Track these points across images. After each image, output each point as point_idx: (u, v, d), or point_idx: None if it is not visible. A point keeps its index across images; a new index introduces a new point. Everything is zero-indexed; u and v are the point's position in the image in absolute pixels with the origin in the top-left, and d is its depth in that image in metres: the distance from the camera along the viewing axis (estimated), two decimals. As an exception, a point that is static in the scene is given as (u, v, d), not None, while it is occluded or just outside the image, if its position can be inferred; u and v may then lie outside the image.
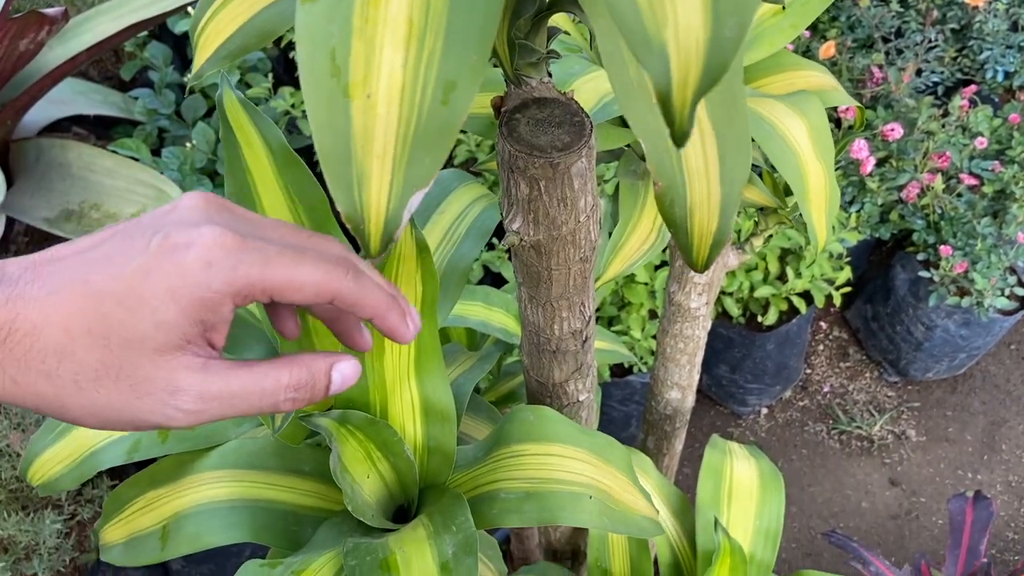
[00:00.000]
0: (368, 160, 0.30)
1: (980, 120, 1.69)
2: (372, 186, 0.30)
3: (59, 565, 1.19)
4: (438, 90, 0.31)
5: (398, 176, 0.31)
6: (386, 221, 0.30)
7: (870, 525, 1.70)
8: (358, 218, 0.31)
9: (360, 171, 0.30)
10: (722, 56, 0.26)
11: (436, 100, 0.31)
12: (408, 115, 0.30)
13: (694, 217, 0.41)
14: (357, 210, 0.30)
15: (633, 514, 0.58)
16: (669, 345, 1.00)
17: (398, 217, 0.31)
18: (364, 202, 0.30)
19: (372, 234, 0.31)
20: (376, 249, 0.31)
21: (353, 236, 0.32)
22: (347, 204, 0.30)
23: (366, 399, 0.58)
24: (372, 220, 0.31)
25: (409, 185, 0.30)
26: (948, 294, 1.63)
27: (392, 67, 0.30)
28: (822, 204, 0.60)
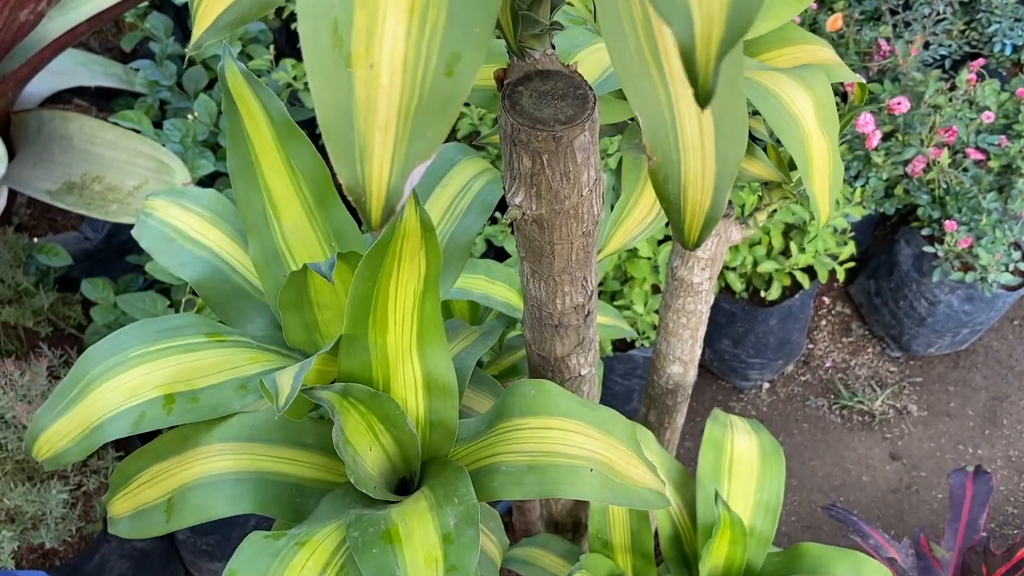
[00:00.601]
0: (370, 132, 0.30)
1: (987, 94, 1.67)
2: (374, 159, 0.30)
3: (65, 535, 1.20)
4: (441, 62, 0.30)
5: (400, 149, 0.30)
6: (387, 194, 0.30)
7: (870, 499, 1.71)
8: (360, 190, 0.30)
9: (362, 143, 0.30)
10: (746, 12, 0.26)
11: (439, 72, 0.30)
12: (411, 87, 0.30)
13: (687, 194, 0.41)
14: (359, 182, 0.30)
15: (636, 486, 0.58)
16: (671, 320, 1.00)
17: (399, 190, 0.30)
18: (366, 174, 0.30)
19: (373, 207, 0.30)
20: (377, 222, 0.31)
21: (355, 208, 0.32)
22: (349, 176, 0.30)
23: (369, 374, 0.58)
24: (373, 193, 0.30)
25: (411, 158, 0.30)
26: (952, 269, 1.63)
27: (395, 38, 0.30)
28: (825, 178, 0.60)
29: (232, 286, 0.72)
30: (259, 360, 0.67)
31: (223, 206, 0.76)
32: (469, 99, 0.60)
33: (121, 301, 1.29)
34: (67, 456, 0.60)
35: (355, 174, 0.30)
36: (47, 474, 1.20)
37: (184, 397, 0.63)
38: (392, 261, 0.53)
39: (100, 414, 0.61)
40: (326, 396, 0.55)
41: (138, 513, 0.61)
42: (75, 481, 1.21)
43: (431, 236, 0.52)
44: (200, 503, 0.58)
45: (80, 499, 1.27)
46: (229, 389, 0.64)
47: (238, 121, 0.65)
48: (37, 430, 0.60)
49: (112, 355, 0.63)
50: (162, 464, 0.62)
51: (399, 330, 0.58)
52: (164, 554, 1.48)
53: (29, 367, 1.17)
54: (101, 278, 1.37)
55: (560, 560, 0.98)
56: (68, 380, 0.61)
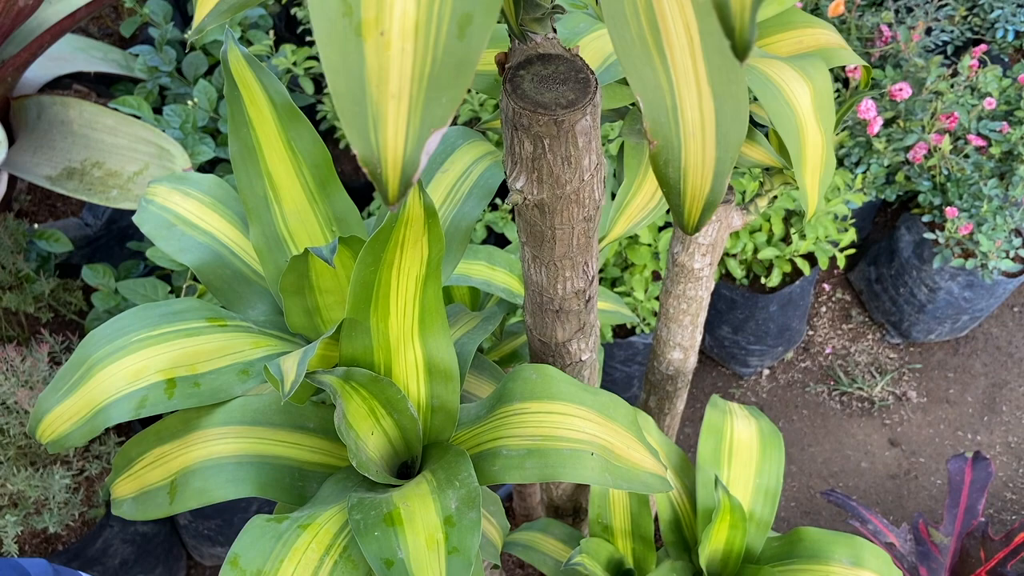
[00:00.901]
0: (383, 101, 0.29)
1: (989, 80, 1.67)
2: (388, 128, 0.29)
3: (68, 519, 1.21)
4: (453, 24, 0.30)
5: (415, 116, 0.30)
6: (404, 164, 0.30)
7: (869, 485, 1.71)
8: (375, 162, 0.30)
9: (376, 113, 0.29)
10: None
11: (452, 35, 0.30)
12: (423, 52, 0.29)
13: (688, 178, 0.41)
14: (374, 153, 0.30)
15: (638, 471, 0.59)
16: (672, 306, 1.00)
17: (416, 160, 0.30)
18: (380, 145, 0.30)
19: (390, 178, 0.30)
20: (394, 194, 0.30)
21: (370, 182, 0.31)
22: (363, 147, 0.30)
23: (370, 358, 0.59)
24: (389, 163, 0.30)
25: (426, 125, 0.30)
26: (953, 256, 1.63)
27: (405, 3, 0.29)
28: (817, 171, 0.60)
29: (233, 271, 0.72)
30: (261, 345, 0.67)
31: (224, 191, 0.76)
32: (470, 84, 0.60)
33: (122, 287, 1.29)
34: (70, 439, 0.60)
35: (369, 145, 0.30)
36: (50, 459, 1.20)
37: (186, 382, 0.63)
38: (395, 247, 0.53)
39: (102, 398, 0.61)
40: (328, 380, 0.55)
41: (141, 495, 0.61)
42: (78, 466, 1.22)
43: (434, 221, 0.52)
44: (203, 486, 0.59)
45: (82, 484, 1.28)
46: (231, 374, 0.65)
47: (240, 105, 0.65)
48: (41, 412, 0.60)
49: (114, 339, 0.63)
50: (165, 447, 0.62)
51: (401, 315, 0.58)
52: (166, 539, 1.48)
53: (30, 353, 1.17)
54: (102, 264, 1.37)
55: (561, 544, 0.99)
56: (71, 363, 0.61)
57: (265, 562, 0.51)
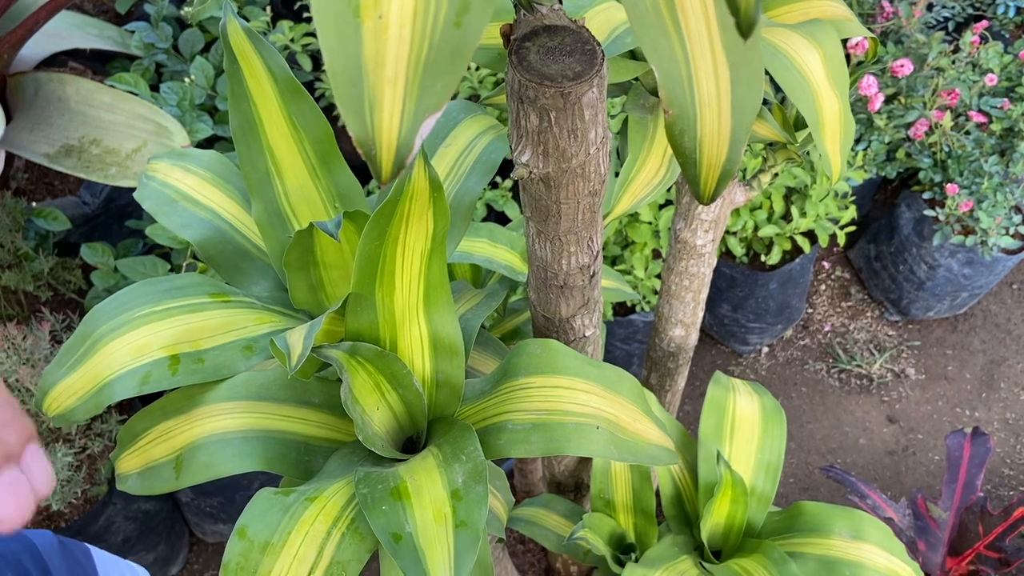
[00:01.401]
0: (380, 84, 0.30)
1: (990, 56, 1.66)
2: (384, 111, 0.30)
3: (71, 497, 1.21)
4: (451, 12, 0.30)
5: (410, 101, 0.30)
6: (398, 147, 0.30)
7: (867, 461, 1.72)
8: (369, 143, 0.30)
9: (372, 96, 0.30)
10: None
11: (449, 22, 0.30)
12: (420, 38, 0.30)
13: (703, 148, 0.41)
14: (369, 135, 0.30)
15: (643, 443, 0.59)
16: (674, 282, 1.00)
17: (410, 143, 0.30)
18: (376, 127, 0.30)
19: (384, 160, 0.30)
20: (387, 175, 0.31)
21: (359, 167, 0.32)
22: (359, 129, 0.30)
23: (376, 333, 0.58)
24: (384, 146, 0.30)
25: (421, 110, 0.30)
26: (953, 233, 1.63)
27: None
28: (837, 135, 0.60)
29: (235, 247, 0.72)
30: (264, 321, 0.67)
31: (225, 167, 0.76)
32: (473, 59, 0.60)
33: (121, 265, 1.28)
34: (76, 414, 0.60)
35: (365, 127, 0.30)
36: (52, 437, 1.20)
37: (189, 358, 0.63)
38: (400, 221, 0.52)
39: (107, 373, 0.61)
40: (335, 355, 0.55)
41: (147, 470, 0.61)
42: (80, 444, 1.22)
43: (439, 195, 0.52)
44: (209, 460, 0.59)
45: (84, 462, 1.28)
46: (235, 350, 0.64)
47: (240, 79, 0.65)
48: (47, 386, 0.60)
49: (117, 314, 0.63)
50: (170, 422, 0.62)
51: (406, 290, 0.57)
52: (168, 516, 1.49)
53: (31, 331, 1.17)
54: (100, 243, 1.36)
55: (563, 520, 1.00)
56: (75, 338, 0.61)
57: (273, 533, 0.51)
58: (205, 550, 1.63)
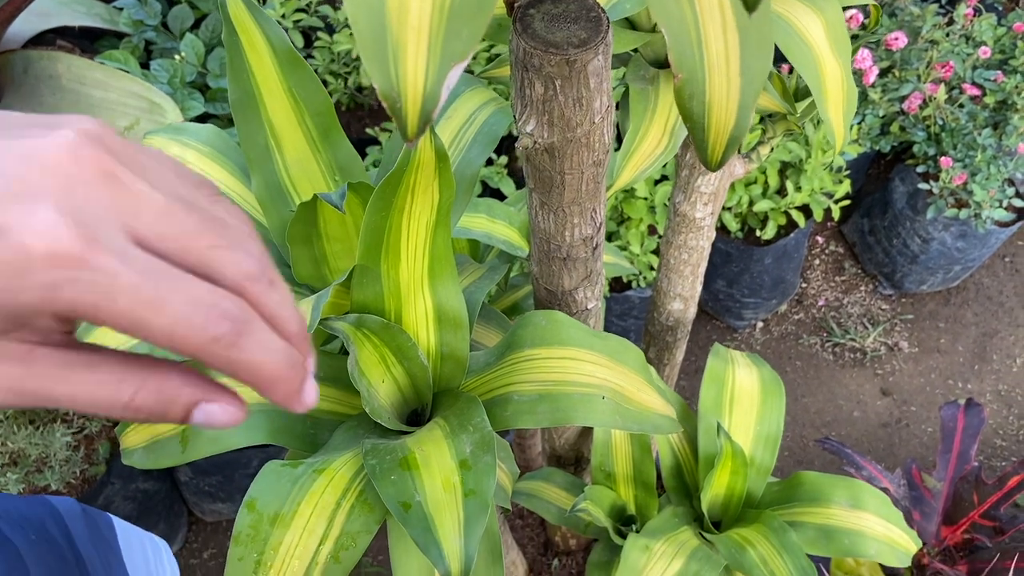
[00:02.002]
0: (403, 33, 0.29)
1: (984, 29, 1.66)
2: (408, 60, 0.29)
3: (70, 477, 1.21)
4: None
5: (435, 49, 0.29)
6: (424, 98, 0.29)
7: (861, 433, 1.74)
8: (394, 95, 0.29)
9: (396, 45, 0.29)
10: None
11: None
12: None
13: (712, 113, 0.41)
14: (393, 86, 0.29)
15: (648, 412, 0.59)
16: (673, 256, 1.00)
17: (436, 93, 0.29)
18: (400, 78, 0.29)
19: (409, 112, 0.30)
20: (413, 129, 0.30)
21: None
22: (383, 80, 0.29)
23: (381, 305, 0.58)
24: (409, 97, 0.29)
25: (447, 59, 0.29)
26: (946, 206, 1.63)
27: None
28: (840, 103, 0.60)
29: (236, 222, 0.72)
30: (267, 295, 0.67)
31: (223, 142, 0.75)
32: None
33: (116, 245, 1.28)
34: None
35: (389, 78, 0.29)
36: (49, 417, 1.20)
37: (193, 332, 0.63)
38: (406, 192, 0.52)
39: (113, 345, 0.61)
40: (341, 327, 0.55)
41: (153, 444, 0.61)
42: (77, 424, 1.22)
43: (445, 166, 0.52)
44: (215, 433, 0.59)
45: (82, 442, 1.28)
46: (238, 324, 0.64)
47: (239, 51, 0.64)
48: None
49: (120, 291, 0.62)
50: (175, 398, 0.62)
51: (411, 261, 0.57)
52: (167, 495, 1.49)
53: (26, 311, 1.16)
54: (94, 222, 1.35)
55: (563, 492, 1.00)
56: (77, 315, 0.61)
57: (282, 505, 0.51)
58: (204, 529, 1.63)
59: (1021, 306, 1.90)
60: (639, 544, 0.85)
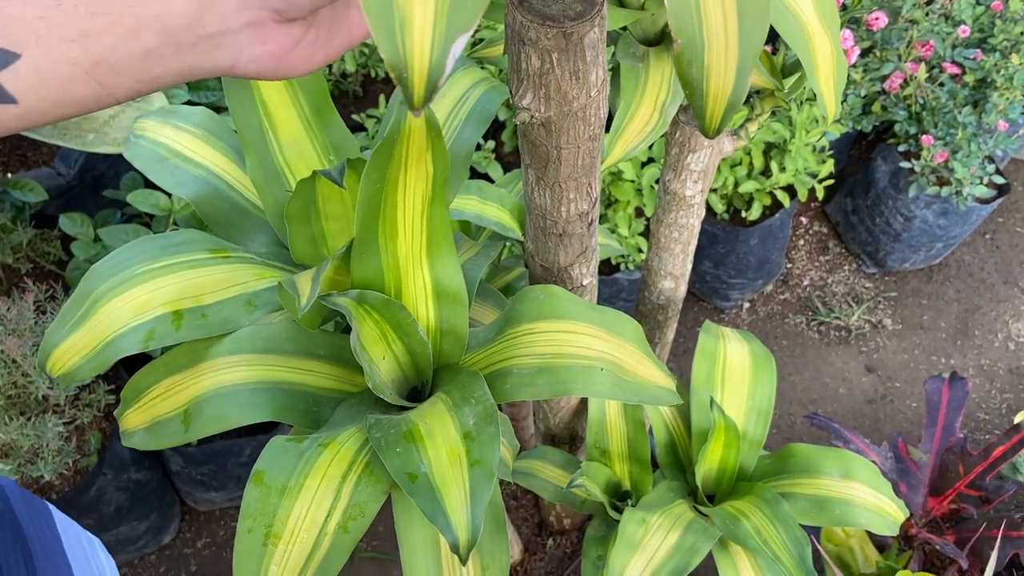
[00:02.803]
0: (410, 5, 0.30)
1: (963, 8, 1.68)
2: (415, 31, 0.30)
3: (62, 468, 1.21)
4: (481, -73, 0.30)
5: (441, 20, 0.30)
6: (431, 68, 0.30)
7: (847, 410, 1.76)
8: (401, 65, 0.30)
9: (402, 16, 0.30)
10: None
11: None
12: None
13: (711, 78, 0.41)
14: (400, 57, 0.30)
15: (647, 384, 0.60)
16: (663, 234, 1.01)
17: (442, 64, 0.30)
18: (407, 48, 0.30)
19: (416, 82, 0.30)
20: (420, 98, 0.30)
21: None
22: (390, 51, 0.30)
23: (381, 280, 0.59)
24: (416, 67, 0.30)
25: (453, 29, 0.30)
26: (928, 184, 1.65)
27: (430, -94, 0.30)
28: (830, 75, 0.61)
29: (231, 204, 0.72)
30: (265, 276, 0.67)
31: (216, 124, 0.75)
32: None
33: (104, 234, 1.27)
34: (81, 372, 0.60)
35: (396, 48, 0.30)
36: (40, 408, 1.20)
37: (193, 313, 0.63)
38: (399, 163, 0.52)
39: (110, 331, 0.61)
40: (343, 302, 0.55)
41: (154, 425, 0.61)
42: (69, 414, 1.21)
43: (437, 136, 0.52)
44: (218, 412, 0.59)
45: (74, 433, 1.27)
46: (237, 305, 0.64)
47: (232, 32, 0.64)
48: (49, 346, 0.60)
49: (116, 272, 0.62)
50: (175, 377, 0.62)
51: (409, 236, 0.58)
52: (159, 485, 1.49)
53: (15, 302, 1.16)
54: (79, 213, 1.35)
55: (559, 471, 1.01)
56: (76, 297, 0.61)
57: (290, 478, 0.52)
58: (197, 519, 1.63)
59: (1002, 282, 1.93)
60: (636, 517, 0.86)
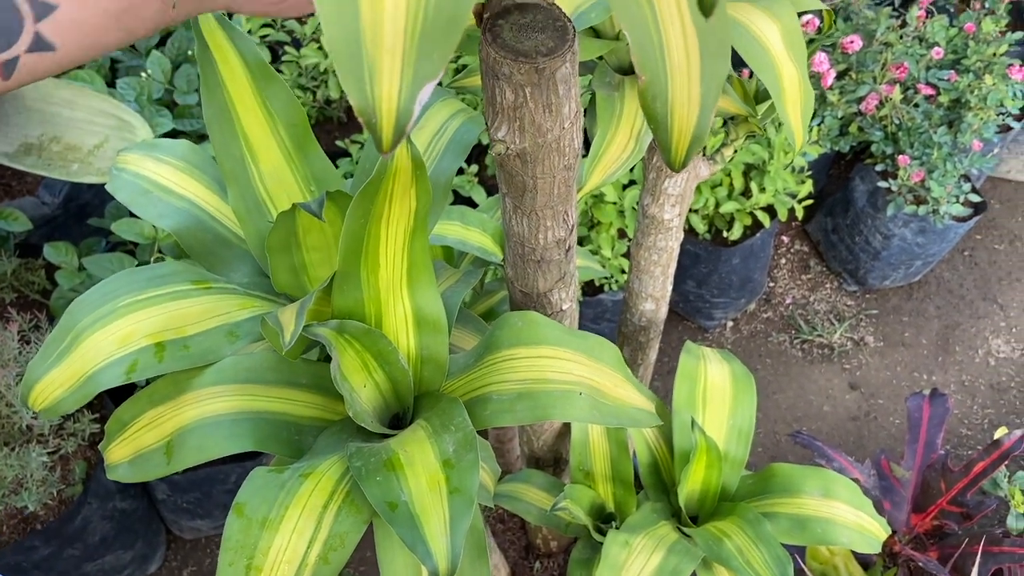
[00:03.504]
0: (378, 55, 0.31)
1: (937, 30, 1.71)
2: (383, 80, 0.31)
3: (47, 498, 1.20)
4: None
5: (408, 70, 0.31)
6: (398, 115, 0.31)
7: (831, 427, 1.78)
8: (370, 112, 0.31)
9: (371, 66, 0.31)
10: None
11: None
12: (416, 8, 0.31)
13: (675, 113, 0.42)
14: (369, 104, 0.31)
15: (626, 407, 0.61)
16: (643, 257, 1.02)
17: (409, 110, 0.31)
18: (376, 96, 0.31)
19: (384, 128, 0.31)
20: (388, 143, 0.32)
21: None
22: (359, 99, 0.31)
23: (362, 311, 0.60)
24: (384, 114, 0.31)
25: (419, 78, 0.31)
26: (905, 203, 1.68)
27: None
28: (797, 104, 0.62)
29: (213, 235, 0.73)
30: (247, 306, 0.68)
31: (198, 156, 0.76)
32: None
33: (88, 263, 1.27)
34: (63, 405, 0.60)
35: (365, 96, 0.31)
36: (24, 438, 1.19)
37: (175, 345, 0.63)
38: (384, 199, 0.53)
39: (92, 364, 0.61)
40: (324, 333, 0.56)
41: (137, 457, 0.62)
42: (53, 444, 1.21)
43: (422, 173, 0.53)
44: (200, 443, 0.59)
45: (58, 463, 1.27)
46: (219, 335, 0.65)
47: (212, 67, 0.65)
48: (32, 380, 0.60)
49: (100, 305, 0.63)
50: (158, 409, 0.62)
51: (390, 267, 0.59)
52: (145, 514, 1.48)
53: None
54: (63, 242, 1.35)
55: (543, 493, 1.02)
56: (58, 330, 0.61)
57: (271, 509, 0.52)
58: (183, 547, 1.62)
59: (981, 298, 1.95)
60: (619, 540, 0.87)
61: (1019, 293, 1.95)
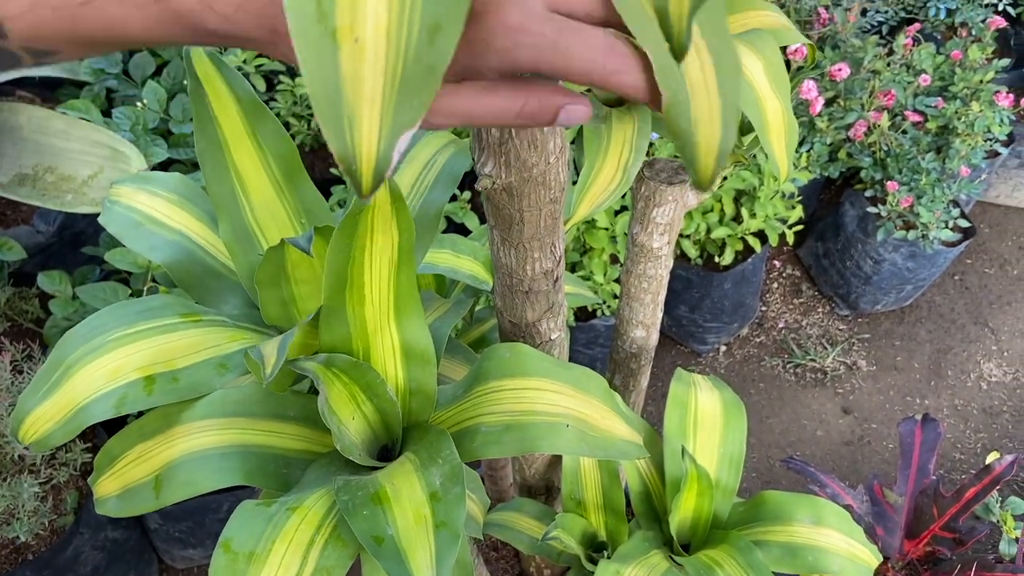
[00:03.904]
0: (358, 104, 0.32)
1: (924, 57, 1.73)
2: (363, 129, 0.32)
3: (38, 528, 1.20)
4: (424, 33, 0.32)
5: (387, 119, 0.32)
6: (377, 161, 0.32)
7: (825, 452, 1.78)
8: (350, 159, 0.32)
9: (351, 114, 0.32)
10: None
11: (422, 43, 0.32)
12: (395, 59, 0.32)
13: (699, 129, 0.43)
14: (349, 151, 0.32)
15: (613, 439, 0.61)
16: (633, 285, 1.03)
17: (388, 157, 0.32)
18: (356, 144, 0.32)
19: (364, 174, 0.32)
20: (367, 189, 0.32)
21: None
22: (339, 146, 0.32)
23: (349, 344, 0.60)
24: (364, 161, 0.32)
25: (398, 127, 0.32)
26: (895, 228, 1.69)
27: (378, 11, 0.32)
28: (782, 137, 0.63)
29: (204, 267, 0.73)
30: (237, 339, 0.68)
31: (190, 189, 0.77)
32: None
33: (82, 292, 1.28)
34: (53, 438, 0.60)
35: (345, 144, 0.32)
36: (15, 468, 1.19)
37: (164, 378, 0.64)
38: (365, 232, 0.54)
39: (82, 397, 0.62)
40: (310, 367, 0.56)
41: (126, 492, 0.62)
42: (45, 474, 1.21)
43: (402, 206, 0.54)
44: (189, 478, 0.60)
45: (50, 493, 1.26)
46: (209, 368, 0.65)
47: (204, 102, 0.66)
48: (22, 414, 0.60)
49: (90, 338, 0.63)
50: (147, 443, 0.62)
51: (376, 300, 0.59)
52: (137, 544, 1.47)
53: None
54: (57, 271, 1.35)
55: (535, 522, 1.01)
56: (48, 365, 0.62)
57: (257, 544, 0.52)
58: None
59: (972, 322, 1.96)
60: (610, 570, 0.87)
61: (1010, 317, 1.96)
